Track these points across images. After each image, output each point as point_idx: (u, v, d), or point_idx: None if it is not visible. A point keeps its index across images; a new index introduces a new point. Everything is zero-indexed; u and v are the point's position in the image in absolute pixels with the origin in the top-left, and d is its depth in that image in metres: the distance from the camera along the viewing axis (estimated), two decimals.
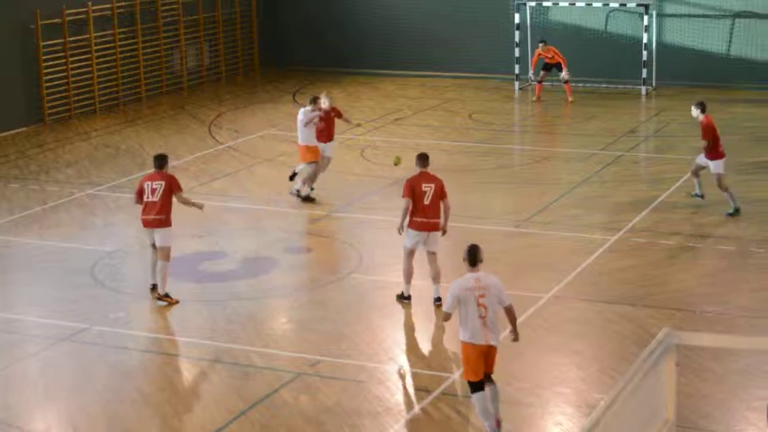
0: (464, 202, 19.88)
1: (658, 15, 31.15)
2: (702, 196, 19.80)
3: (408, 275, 15.55)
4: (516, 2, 31.86)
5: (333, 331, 14.91)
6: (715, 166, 19.26)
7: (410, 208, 15.18)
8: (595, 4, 31.24)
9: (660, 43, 31.04)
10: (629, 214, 19.43)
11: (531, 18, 32.14)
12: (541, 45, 29.55)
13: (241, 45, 34.74)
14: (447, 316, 11.81)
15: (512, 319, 11.81)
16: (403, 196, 15.25)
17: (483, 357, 11.54)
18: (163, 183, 15.74)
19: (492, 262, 17.03)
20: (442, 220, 15.34)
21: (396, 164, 18.71)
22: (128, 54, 30.45)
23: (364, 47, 34.78)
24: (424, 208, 15.17)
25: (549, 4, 32.07)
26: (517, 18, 31.67)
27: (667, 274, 16.68)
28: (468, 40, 33.35)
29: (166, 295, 15.89)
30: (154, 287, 16.15)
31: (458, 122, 27.85)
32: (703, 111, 19.39)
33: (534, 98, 29.79)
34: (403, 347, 14.61)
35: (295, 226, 19.66)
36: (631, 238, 18.19)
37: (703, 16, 31.13)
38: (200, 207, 16.45)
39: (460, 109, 29.26)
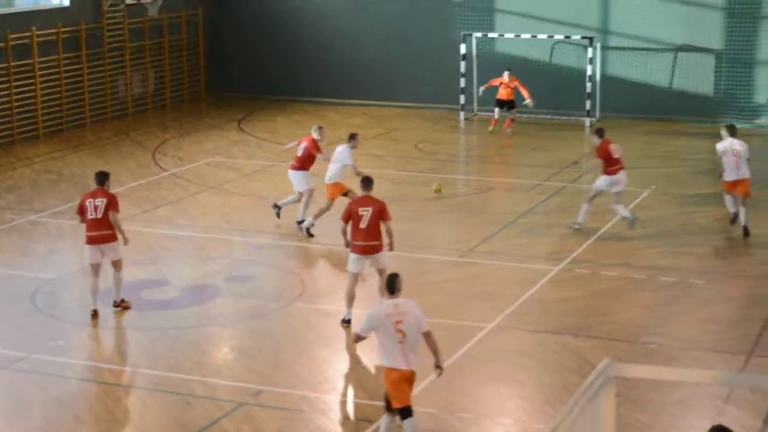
0: (408, 231, 19.90)
1: (603, 47, 31.49)
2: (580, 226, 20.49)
3: (350, 299, 15.79)
4: (462, 33, 32.07)
5: (275, 360, 14.83)
6: (600, 182, 20.31)
7: (349, 231, 15.70)
8: (540, 36, 31.53)
9: (604, 75, 31.37)
10: (572, 245, 19.55)
11: (477, 49, 32.36)
12: (506, 73, 29.39)
13: (187, 72, 34.64)
14: (357, 338, 12.23)
15: (432, 346, 11.88)
16: (341, 219, 15.84)
17: (407, 382, 11.68)
18: (105, 200, 15.95)
19: (436, 291, 17.10)
20: (385, 240, 15.65)
21: (436, 191, 20.44)
22: (73, 79, 30.24)
23: (310, 75, 34.80)
24: (361, 232, 15.58)
25: (495, 35, 32.33)
26: (462, 48, 31.87)
27: (609, 305, 16.79)
28: (414, 70, 33.50)
29: (122, 301, 16.31)
30: (95, 313, 16.04)
31: (403, 151, 27.92)
32: (601, 137, 20.42)
33: (491, 128, 29.56)
34: (346, 377, 14.56)
35: (238, 253, 19.56)
36: (574, 268, 18.30)
37: (646, 49, 31.52)
38: (125, 241, 16.37)
39: (405, 139, 29.33)
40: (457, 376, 12.75)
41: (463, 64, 31.82)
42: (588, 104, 30.50)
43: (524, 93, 29.11)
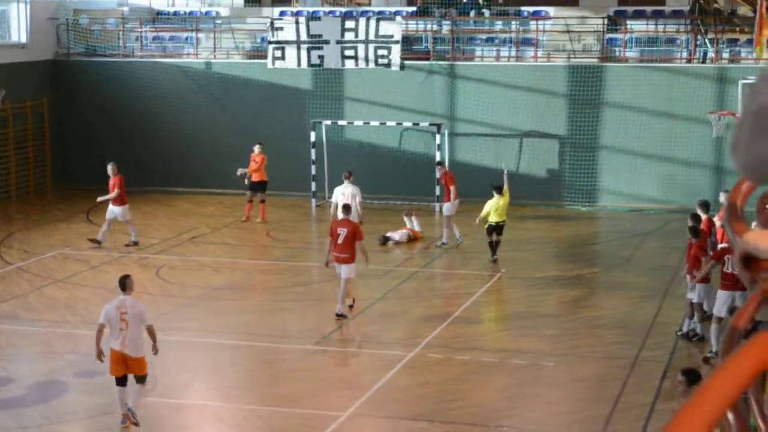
0: (262, 321, 19.79)
1: (450, 134, 32.07)
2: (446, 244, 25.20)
3: (342, 297, 20.00)
4: (312, 121, 32.30)
5: None
6: (445, 209, 25.86)
7: (331, 244, 20.04)
8: (389, 123, 31.97)
9: (453, 161, 31.91)
10: (426, 330, 19.66)
11: (326, 136, 32.61)
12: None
13: (33, 163, 33.97)
14: (100, 326, 14.86)
15: (153, 335, 14.96)
16: (328, 235, 20.36)
17: (121, 361, 14.78)
18: None
19: (290, 380, 16.95)
20: (359, 255, 19.86)
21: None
22: None
23: (161, 165, 34.52)
24: (337, 246, 19.95)
25: (344, 123, 32.65)
26: (312, 136, 32.08)
27: (462, 389, 16.88)
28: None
29: None
30: None
31: (256, 240, 27.80)
32: (443, 167, 26.74)
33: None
34: None
35: (86, 347, 19.03)
36: (428, 353, 18.38)
37: (493, 135, 32.22)
38: None
39: (257, 227, 29.23)
40: None
41: (313, 152, 31.99)
42: (437, 189, 30.86)
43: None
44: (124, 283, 15.12)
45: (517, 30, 33.71)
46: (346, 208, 21.20)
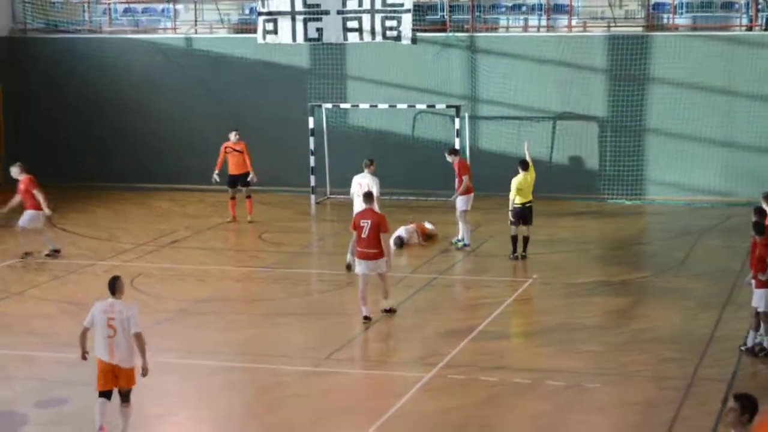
0: (254, 339, 19.68)
1: (471, 117, 31.93)
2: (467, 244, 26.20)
3: (363, 299, 20.66)
4: (310, 104, 32.20)
5: None
6: (459, 203, 26.10)
7: (356, 239, 20.62)
8: (399, 106, 31.85)
9: (474, 149, 31.77)
10: (446, 347, 19.53)
11: (327, 121, 32.50)
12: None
13: None
14: (84, 330, 15.23)
15: (141, 348, 14.93)
16: (351, 229, 20.98)
17: (110, 373, 14.99)
18: None
19: (288, 408, 16.84)
20: (385, 250, 20.44)
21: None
22: None
23: (135, 160, 34.47)
24: (362, 241, 20.46)
25: (347, 106, 32.55)
26: (311, 122, 31.98)
27: (490, 415, 16.74)
28: (254, 148, 33.35)
29: None
30: None
31: (245, 244, 27.70)
32: (456, 154, 26.75)
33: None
34: None
35: (49, 373, 18.95)
36: (449, 374, 18.25)
37: (521, 118, 32.07)
38: None
39: (247, 229, 29.15)
40: None
41: (312, 140, 31.89)
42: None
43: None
44: (114, 286, 15.28)
45: None
46: (368, 196, 21.41)
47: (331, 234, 29.66)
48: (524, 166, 25.28)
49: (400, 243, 26.77)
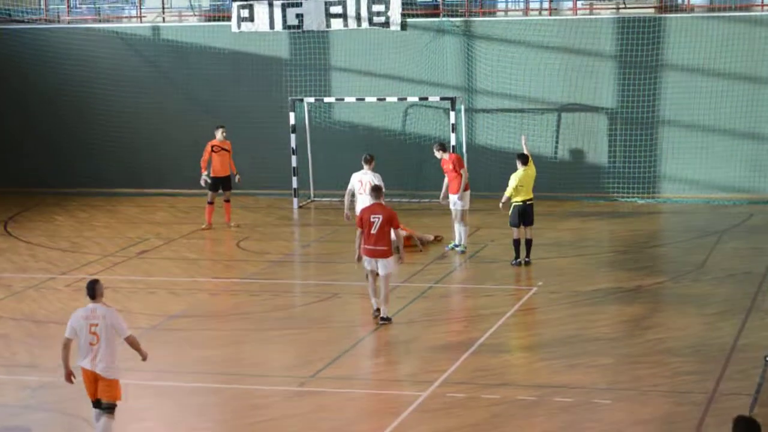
0: (233, 357, 19.72)
1: (468, 110, 32.03)
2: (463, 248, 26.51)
3: (373, 292, 21.63)
4: (290, 98, 32.29)
5: None
6: (455, 202, 26.28)
7: (362, 236, 21.23)
8: (388, 99, 31.94)
9: (471, 145, 31.87)
10: (444, 362, 19.60)
11: (309, 117, 32.58)
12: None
13: None
14: (66, 341, 15.39)
15: (136, 347, 15.59)
16: (356, 227, 21.57)
17: (94, 382, 15.24)
18: None
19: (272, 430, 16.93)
20: (394, 247, 21.32)
21: None
22: None
23: (96, 161, 34.51)
24: (371, 237, 21.19)
25: (331, 99, 32.63)
26: (291, 118, 32.06)
27: None
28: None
29: None
30: None
31: (222, 253, 27.75)
32: (446, 150, 26.89)
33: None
34: None
35: (7, 398, 19.02)
36: (448, 392, 18.34)
37: (522, 110, 32.17)
38: None
39: (223, 236, 29.18)
40: None
41: (293, 138, 31.97)
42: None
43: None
44: (94, 289, 15.52)
45: None
46: (376, 190, 22.04)
47: (315, 240, 29.75)
48: (523, 160, 25.41)
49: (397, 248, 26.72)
